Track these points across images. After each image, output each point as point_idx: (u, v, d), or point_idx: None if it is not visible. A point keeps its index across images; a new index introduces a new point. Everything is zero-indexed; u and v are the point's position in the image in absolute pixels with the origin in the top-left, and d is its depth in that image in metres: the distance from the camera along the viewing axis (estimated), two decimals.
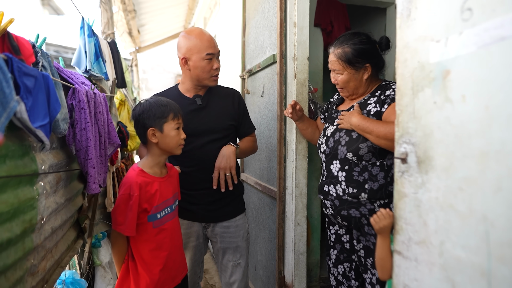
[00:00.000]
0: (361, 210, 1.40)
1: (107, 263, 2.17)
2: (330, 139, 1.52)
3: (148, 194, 1.42)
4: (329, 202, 1.50)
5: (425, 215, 0.77)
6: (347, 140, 1.44)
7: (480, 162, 0.64)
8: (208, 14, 4.91)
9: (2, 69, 0.77)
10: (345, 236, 1.55)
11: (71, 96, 1.31)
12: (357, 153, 1.40)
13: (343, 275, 1.56)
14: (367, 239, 1.42)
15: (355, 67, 1.45)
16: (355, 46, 1.44)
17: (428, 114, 0.76)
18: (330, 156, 1.51)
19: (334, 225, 1.59)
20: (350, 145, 1.42)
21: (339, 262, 1.58)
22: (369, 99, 1.48)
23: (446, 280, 0.72)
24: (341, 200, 1.45)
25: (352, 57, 1.44)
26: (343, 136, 1.46)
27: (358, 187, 1.40)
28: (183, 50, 1.66)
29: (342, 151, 1.44)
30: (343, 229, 1.56)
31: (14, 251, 0.90)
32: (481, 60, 0.64)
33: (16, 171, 0.91)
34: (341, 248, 1.57)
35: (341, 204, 1.45)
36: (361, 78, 1.48)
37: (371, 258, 1.41)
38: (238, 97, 1.82)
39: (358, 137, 1.40)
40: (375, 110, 1.42)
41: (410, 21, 0.82)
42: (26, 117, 0.87)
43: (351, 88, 1.51)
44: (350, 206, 1.42)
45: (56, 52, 8.95)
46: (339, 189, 1.45)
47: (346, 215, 1.44)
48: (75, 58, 1.86)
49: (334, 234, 1.60)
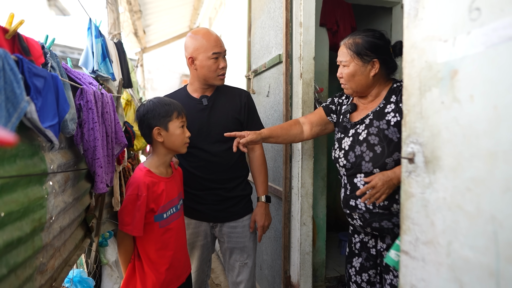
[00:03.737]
0: (393, 221, 1.36)
1: (114, 262, 2.19)
2: (350, 153, 1.45)
3: (155, 194, 1.43)
4: (358, 214, 1.44)
5: (433, 215, 0.77)
6: (371, 156, 1.38)
7: (489, 162, 0.64)
8: (213, 14, 4.92)
9: (13, 70, 0.78)
10: (371, 242, 1.51)
11: (79, 97, 1.33)
12: (384, 168, 1.34)
13: (367, 282, 1.52)
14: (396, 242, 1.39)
15: (363, 59, 1.40)
16: (367, 38, 1.41)
17: (436, 114, 0.76)
18: (352, 171, 1.45)
19: (360, 234, 1.54)
20: (376, 161, 1.36)
21: (364, 270, 1.53)
22: (385, 106, 1.42)
23: (454, 280, 0.71)
24: (372, 213, 1.39)
25: (362, 48, 1.40)
26: (366, 151, 1.40)
27: (389, 199, 1.34)
28: (190, 49, 1.67)
29: (367, 167, 1.39)
30: (369, 236, 1.51)
31: (24, 250, 0.91)
32: (490, 60, 0.64)
33: (26, 170, 0.92)
34: (367, 256, 1.52)
35: (371, 217, 1.40)
36: (368, 73, 1.42)
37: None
38: (246, 97, 1.81)
39: (383, 152, 1.35)
40: (395, 121, 1.36)
41: (418, 20, 0.81)
42: (36, 117, 0.88)
43: (355, 83, 1.45)
44: (382, 218, 1.37)
45: (62, 53, 9.00)
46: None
47: (378, 227, 1.39)
48: (83, 58, 1.87)
49: (359, 242, 1.55)
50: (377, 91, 1.48)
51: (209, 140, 1.71)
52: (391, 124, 1.36)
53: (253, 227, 1.77)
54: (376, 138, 1.38)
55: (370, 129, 1.41)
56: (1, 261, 0.81)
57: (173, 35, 6.86)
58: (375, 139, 1.38)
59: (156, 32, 6.36)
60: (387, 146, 1.35)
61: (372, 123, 1.42)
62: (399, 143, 1.33)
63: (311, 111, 1.96)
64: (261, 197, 1.79)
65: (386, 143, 1.36)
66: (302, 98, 1.94)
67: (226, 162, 1.73)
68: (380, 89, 1.47)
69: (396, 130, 1.35)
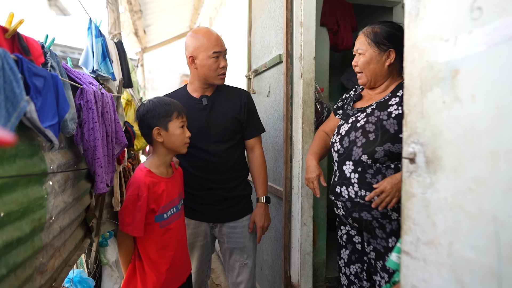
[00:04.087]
0: (373, 214, 1.37)
1: (114, 262, 2.19)
2: (345, 138, 1.48)
3: (156, 194, 1.43)
4: (341, 203, 1.48)
5: (434, 216, 0.77)
6: (363, 142, 1.40)
7: (490, 162, 0.63)
8: (213, 14, 4.92)
9: (13, 70, 0.78)
10: (357, 237, 1.53)
11: (79, 96, 1.33)
12: (372, 156, 1.36)
13: (355, 275, 1.55)
14: (378, 242, 1.40)
15: (379, 47, 1.43)
16: (386, 28, 1.44)
17: (437, 114, 0.75)
18: (343, 156, 1.48)
19: (346, 225, 1.57)
20: (367, 147, 1.38)
21: (351, 263, 1.56)
22: (390, 99, 1.43)
23: (455, 281, 0.71)
24: (353, 202, 1.42)
25: (379, 37, 1.43)
26: (359, 136, 1.42)
27: (371, 189, 1.36)
28: (190, 49, 1.67)
29: (357, 153, 1.41)
30: (354, 230, 1.54)
31: (23, 250, 0.91)
32: (491, 60, 0.63)
33: (26, 170, 0.92)
34: (353, 249, 1.55)
35: (352, 206, 1.42)
36: (383, 62, 1.44)
37: (381, 261, 1.39)
38: (246, 97, 1.81)
39: (375, 140, 1.37)
40: (396, 113, 1.37)
41: (419, 20, 0.81)
42: (36, 117, 0.87)
43: (371, 71, 1.46)
44: (362, 209, 1.40)
45: (62, 53, 9.00)
46: (351, 191, 1.42)
47: (357, 217, 1.42)
48: (83, 58, 1.87)
49: (345, 234, 1.57)
50: (388, 84, 1.50)
51: (208, 140, 1.71)
52: (392, 116, 1.38)
53: (252, 228, 1.77)
54: (373, 126, 1.41)
55: (369, 118, 1.44)
56: (1, 261, 0.81)
57: (173, 35, 6.86)
58: (372, 127, 1.41)
59: (156, 32, 6.36)
60: (381, 135, 1.37)
61: (373, 113, 1.44)
62: (395, 135, 1.35)
63: (311, 111, 1.96)
64: (261, 198, 1.78)
65: (381, 133, 1.38)
66: (302, 98, 1.94)
67: (226, 162, 1.73)
68: (390, 83, 1.50)
69: (395, 122, 1.36)
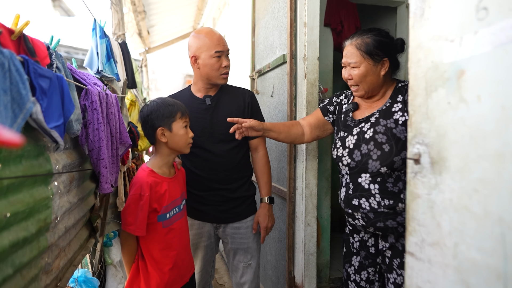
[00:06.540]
0: (398, 220, 1.35)
1: (118, 262, 2.20)
2: (355, 151, 1.44)
3: (158, 194, 1.43)
4: (361, 214, 1.43)
5: (439, 217, 0.76)
6: (379, 154, 1.37)
7: (496, 163, 0.63)
8: (217, 14, 4.92)
9: (19, 71, 0.78)
10: (370, 240, 1.51)
11: (84, 97, 1.33)
12: (391, 167, 1.34)
13: (366, 280, 1.52)
14: (400, 241, 1.39)
15: (374, 59, 1.39)
16: (376, 38, 1.40)
17: (442, 115, 0.75)
18: (356, 170, 1.44)
19: (360, 233, 1.54)
20: (384, 159, 1.35)
21: (363, 268, 1.53)
22: (392, 105, 1.41)
23: (461, 282, 0.71)
24: (376, 213, 1.38)
25: (373, 48, 1.39)
26: (373, 149, 1.38)
27: (394, 198, 1.34)
28: (193, 48, 1.68)
29: (375, 166, 1.37)
30: (368, 235, 1.51)
31: (29, 250, 0.91)
32: (497, 60, 0.63)
33: (32, 171, 0.92)
34: (366, 255, 1.52)
35: (376, 217, 1.39)
36: (379, 73, 1.41)
37: (399, 259, 1.39)
38: (250, 97, 1.81)
39: (391, 150, 1.34)
40: (403, 120, 1.35)
41: (424, 20, 0.81)
42: (42, 117, 0.88)
43: (368, 83, 1.43)
44: (387, 218, 1.37)
45: (67, 53, 9.06)
46: (373, 202, 1.38)
47: (382, 226, 1.39)
48: (87, 59, 1.88)
49: (358, 241, 1.55)
50: (384, 90, 1.48)
51: (212, 140, 1.71)
52: (399, 123, 1.36)
53: (255, 229, 1.77)
54: (383, 136, 1.38)
55: (376, 128, 1.41)
56: (7, 261, 0.81)
57: (177, 35, 6.87)
58: (383, 137, 1.38)
59: (160, 32, 6.38)
60: (395, 144, 1.35)
61: (378, 122, 1.41)
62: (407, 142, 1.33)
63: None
64: (264, 198, 1.78)
65: (394, 142, 1.35)
66: (306, 98, 1.93)
67: (230, 162, 1.73)
68: (386, 89, 1.47)
69: (404, 129, 1.35)
